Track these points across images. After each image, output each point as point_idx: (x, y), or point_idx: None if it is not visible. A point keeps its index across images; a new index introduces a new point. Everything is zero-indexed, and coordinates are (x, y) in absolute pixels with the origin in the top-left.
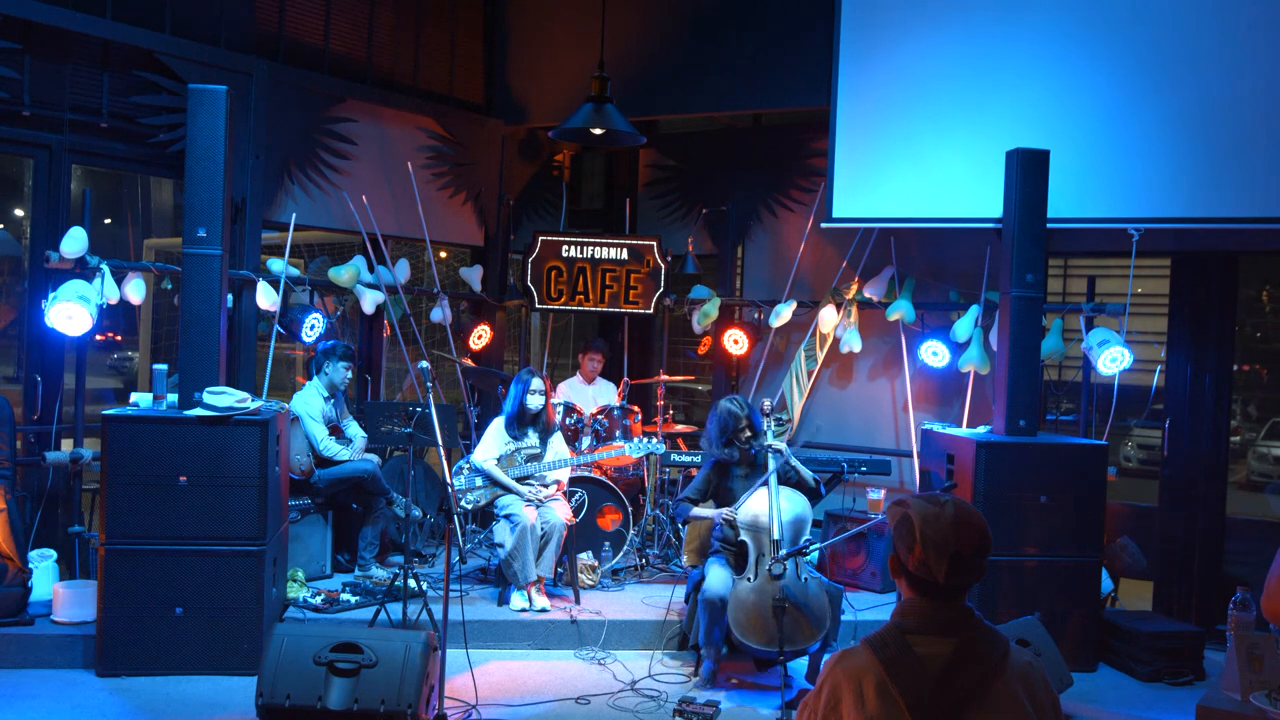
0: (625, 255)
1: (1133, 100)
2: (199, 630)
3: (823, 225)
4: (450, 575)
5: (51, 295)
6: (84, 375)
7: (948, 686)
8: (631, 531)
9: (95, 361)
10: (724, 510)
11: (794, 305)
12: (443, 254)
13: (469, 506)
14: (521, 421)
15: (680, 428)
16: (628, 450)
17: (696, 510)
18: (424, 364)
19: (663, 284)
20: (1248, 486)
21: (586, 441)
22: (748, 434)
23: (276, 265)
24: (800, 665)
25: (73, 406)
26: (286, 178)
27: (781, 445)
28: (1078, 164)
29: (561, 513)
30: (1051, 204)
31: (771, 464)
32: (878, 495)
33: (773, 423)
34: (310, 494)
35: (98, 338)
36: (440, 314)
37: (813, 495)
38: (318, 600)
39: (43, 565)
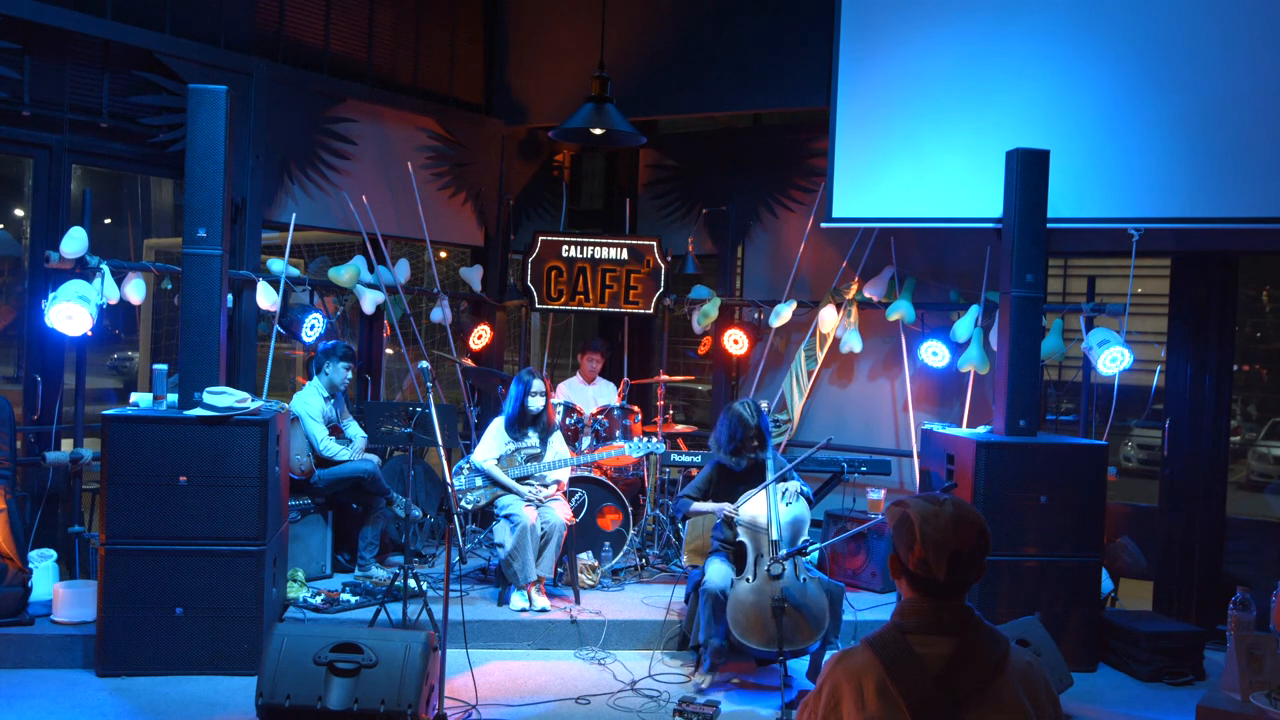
0: (625, 255)
1: (1133, 100)
2: (199, 630)
3: (823, 225)
4: (450, 575)
5: (51, 295)
6: (84, 375)
7: (948, 686)
8: (631, 531)
9: (95, 361)
10: (724, 505)
11: (794, 305)
12: (443, 254)
13: (469, 506)
14: (522, 423)
15: (680, 428)
16: (628, 450)
17: (696, 505)
18: (424, 364)
19: (663, 284)
20: (1248, 486)
21: (586, 441)
22: (756, 444)
23: (276, 265)
24: (801, 665)
25: (73, 406)
26: (286, 178)
27: (782, 461)
28: (1078, 164)
29: (561, 513)
30: (1051, 204)
31: (770, 466)
32: (878, 495)
33: (770, 424)
34: (310, 494)
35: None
36: (440, 314)
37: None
38: (318, 600)
39: (43, 565)
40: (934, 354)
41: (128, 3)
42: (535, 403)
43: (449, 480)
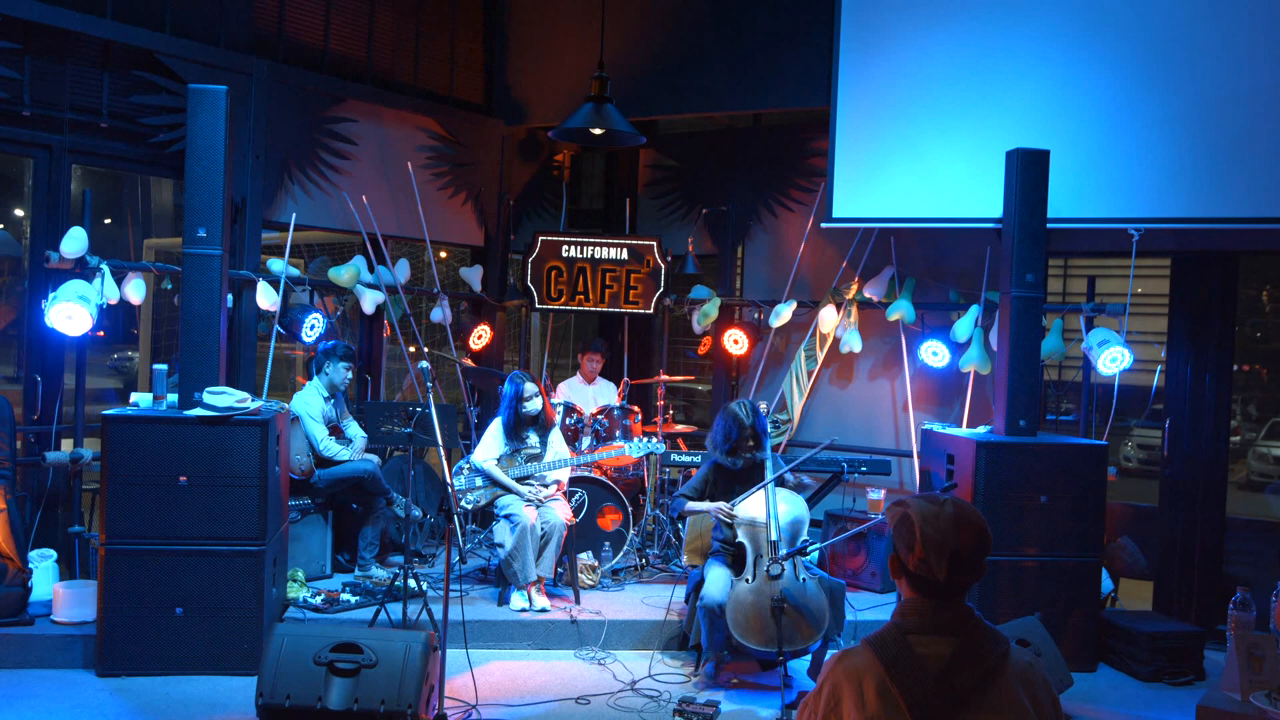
0: (625, 255)
1: (1133, 100)
2: (199, 630)
3: (823, 225)
4: (450, 575)
5: (51, 295)
6: (84, 375)
7: (948, 686)
8: (631, 531)
9: (95, 361)
10: (721, 505)
11: (794, 305)
12: (443, 254)
13: (469, 506)
14: (519, 426)
15: (680, 428)
16: (628, 450)
17: (692, 504)
18: (424, 364)
19: (663, 284)
20: (1248, 486)
21: (586, 441)
22: (751, 444)
23: (276, 265)
24: (802, 665)
25: (73, 406)
26: (286, 178)
27: (780, 462)
28: (1078, 164)
29: (561, 513)
30: (1051, 204)
31: (769, 466)
32: (878, 495)
33: (769, 424)
34: (310, 494)
35: (99, 334)
36: (440, 314)
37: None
38: (318, 600)
39: (43, 565)
40: (934, 354)
41: (128, 3)
42: (531, 405)
43: (449, 480)
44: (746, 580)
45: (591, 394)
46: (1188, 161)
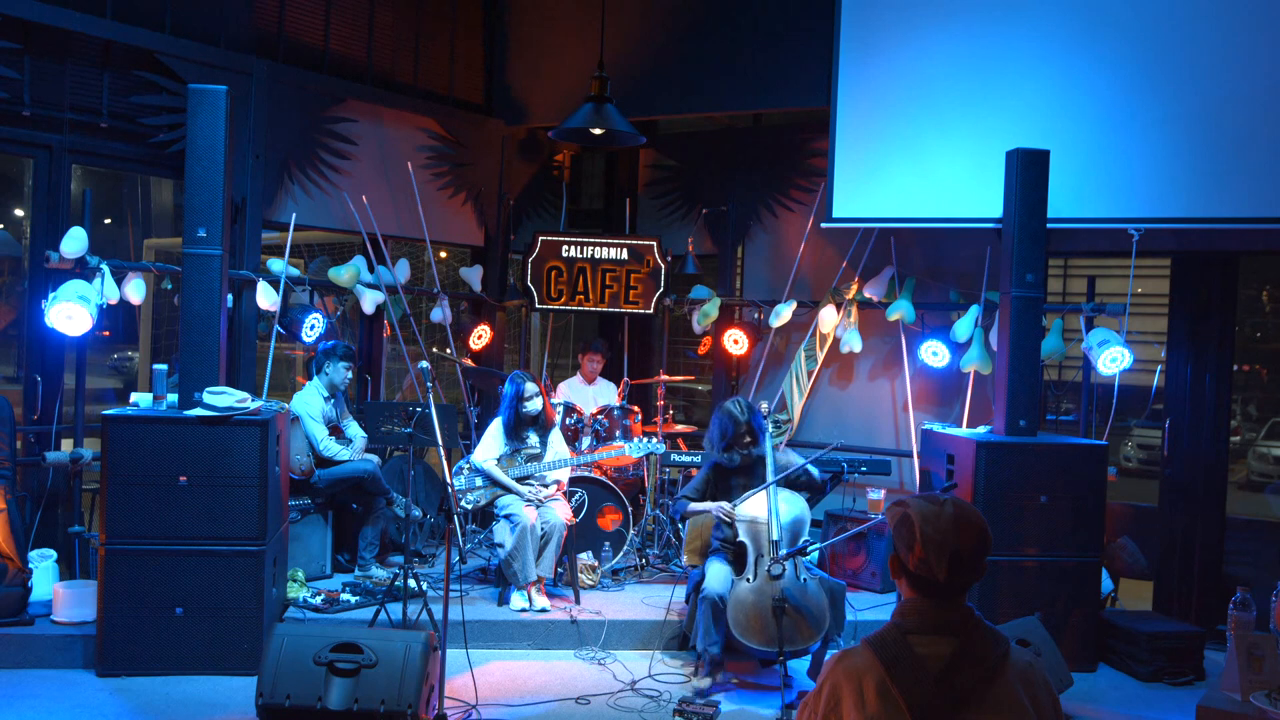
0: (625, 255)
1: (1133, 100)
2: (199, 630)
3: (823, 225)
4: (450, 575)
5: (51, 295)
6: (84, 375)
7: (948, 686)
8: (631, 531)
9: (95, 361)
10: (722, 505)
11: (794, 305)
12: (443, 254)
13: (469, 506)
14: (520, 426)
15: (680, 428)
16: (628, 450)
17: (694, 505)
18: (424, 364)
19: (663, 284)
20: (1248, 486)
21: (586, 441)
22: (748, 439)
23: (276, 265)
24: (802, 665)
25: (73, 406)
26: (286, 178)
27: (793, 456)
28: (1078, 164)
29: (561, 513)
30: (1051, 204)
31: (770, 463)
32: (878, 495)
33: (770, 424)
34: (310, 494)
35: (105, 333)
36: (440, 314)
37: (817, 492)
38: (318, 600)
39: (43, 565)
40: (934, 354)
41: (128, 3)
42: (532, 405)
43: (449, 480)
44: (747, 580)
45: (591, 394)
46: (1188, 161)
